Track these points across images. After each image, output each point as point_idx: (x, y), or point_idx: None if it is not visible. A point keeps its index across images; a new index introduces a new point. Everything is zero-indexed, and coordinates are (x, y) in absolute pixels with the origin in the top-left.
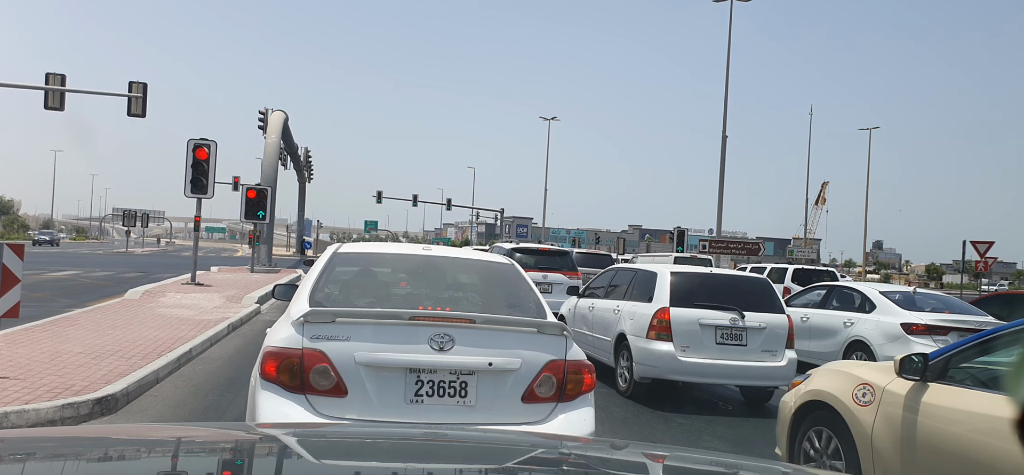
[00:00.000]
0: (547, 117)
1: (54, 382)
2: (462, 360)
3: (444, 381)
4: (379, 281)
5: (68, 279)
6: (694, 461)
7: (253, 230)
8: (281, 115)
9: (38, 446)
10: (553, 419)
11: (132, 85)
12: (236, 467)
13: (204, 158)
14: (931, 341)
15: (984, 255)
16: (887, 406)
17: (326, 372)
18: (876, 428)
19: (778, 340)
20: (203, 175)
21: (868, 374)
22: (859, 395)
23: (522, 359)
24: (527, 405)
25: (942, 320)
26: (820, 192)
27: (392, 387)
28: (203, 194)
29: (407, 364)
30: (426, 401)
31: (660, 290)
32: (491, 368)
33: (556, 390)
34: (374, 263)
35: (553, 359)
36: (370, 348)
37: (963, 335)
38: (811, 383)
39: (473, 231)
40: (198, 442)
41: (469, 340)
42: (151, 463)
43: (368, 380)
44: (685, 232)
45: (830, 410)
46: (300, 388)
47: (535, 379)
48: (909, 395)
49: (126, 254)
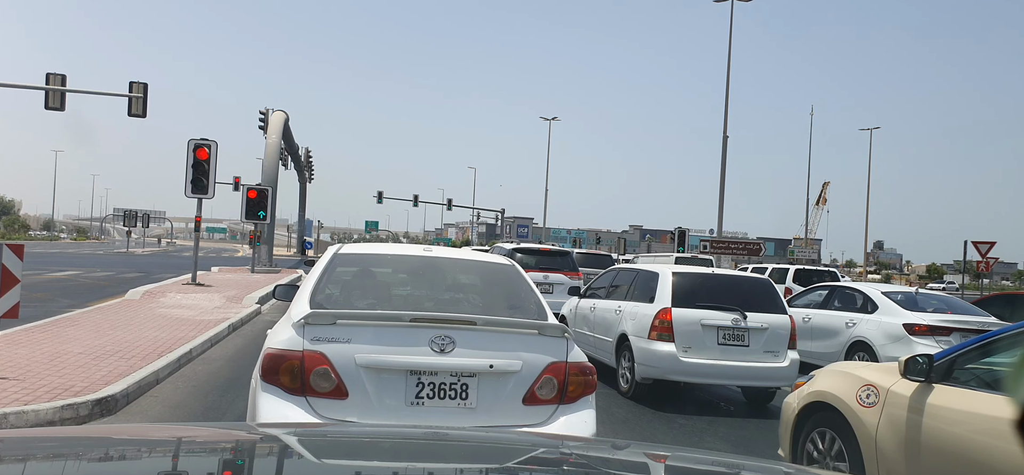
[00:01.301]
0: (548, 117)
1: (54, 383)
2: (463, 362)
3: (445, 383)
4: (379, 282)
5: (68, 279)
6: (696, 461)
7: (254, 230)
8: (282, 115)
9: (38, 446)
10: (554, 421)
11: (133, 85)
12: (236, 467)
13: (205, 158)
14: (934, 342)
15: (986, 255)
16: (891, 407)
17: (327, 374)
18: (880, 430)
19: (780, 341)
20: (203, 175)
21: (872, 375)
22: (863, 396)
23: (523, 361)
24: (528, 407)
25: (944, 321)
26: (821, 192)
27: (393, 389)
28: (203, 194)
29: (408, 366)
30: (427, 403)
31: (662, 290)
32: (492, 370)
33: (557, 392)
34: (374, 264)
35: (554, 361)
36: (371, 350)
37: (966, 336)
38: (814, 384)
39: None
40: (198, 442)
41: (470, 342)
42: (151, 463)
43: (369, 382)
44: (686, 232)
45: (834, 411)
46: (301, 390)
47: (536, 381)
48: (914, 396)
49: (127, 254)
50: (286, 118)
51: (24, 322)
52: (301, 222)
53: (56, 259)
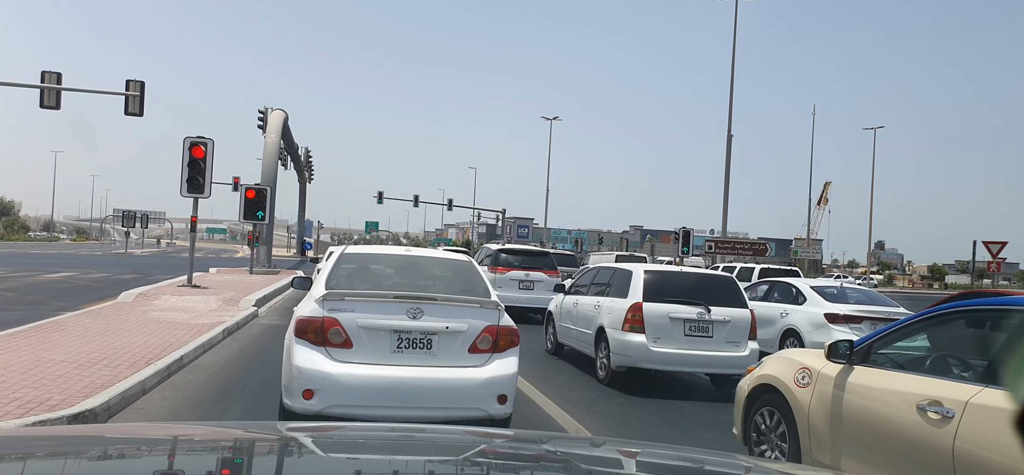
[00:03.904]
0: (549, 117)
1: (28, 395)
2: (428, 324)
3: (416, 338)
4: (374, 273)
5: (62, 281)
6: (664, 456)
7: (252, 231)
8: (281, 114)
9: (38, 446)
10: (490, 364)
11: (130, 83)
12: (236, 466)
13: (201, 157)
14: (848, 329)
15: (996, 255)
16: (820, 386)
17: (338, 332)
18: (812, 407)
19: (741, 332)
20: (200, 174)
21: (807, 360)
22: (799, 378)
23: (468, 324)
24: (471, 355)
25: (858, 311)
26: (822, 192)
27: (382, 342)
28: (200, 193)
29: (392, 327)
30: (404, 351)
31: (635, 287)
32: (447, 330)
33: (491, 345)
34: (371, 261)
35: (490, 324)
36: (367, 317)
37: (875, 324)
38: (762, 369)
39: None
40: (197, 442)
41: (433, 311)
42: (150, 463)
43: (366, 337)
44: (690, 232)
45: (776, 392)
46: (321, 343)
47: (477, 337)
48: (838, 377)
49: (125, 255)
50: (285, 117)
51: (8, 326)
52: (301, 223)
53: (53, 260)
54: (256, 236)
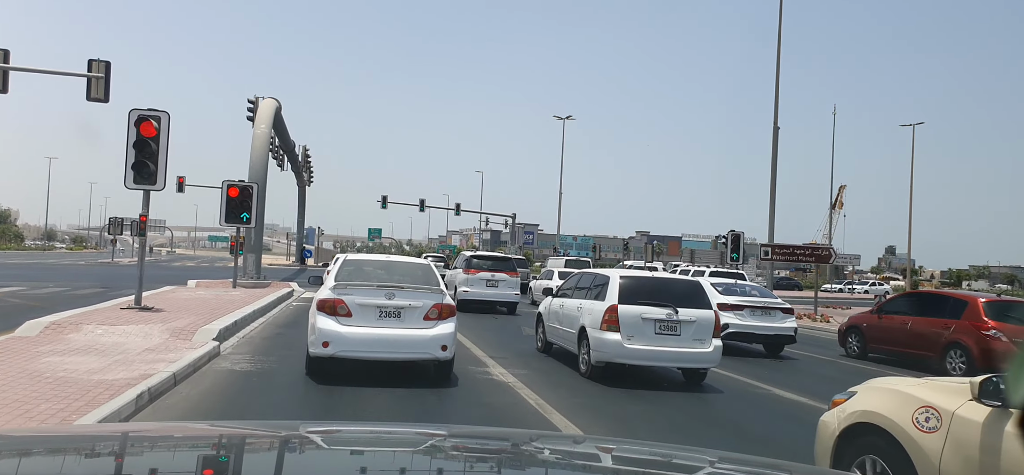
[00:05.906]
0: (561, 116)
1: None
2: (398, 302)
3: (391, 311)
4: (366, 271)
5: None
6: (637, 451)
7: (235, 236)
8: (272, 103)
9: (38, 446)
10: (437, 327)
11: (92, 63)
12: (235, 466)
13: (152, 135)
14: (734, 316)
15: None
16: (958, 433)
17: (343, 307)
18: (945, 459)
19: (706, 331)
20: (150, 158)
21: (930, 396)
22: (921, 419)
23: (423, 302)
24: (426, 321)
25: (741, 301)
26: (837, 196)
27: (371, 314)
28: (150, 184)
29: (377, 304)
30: (384, 319)
31: (611, 291)
32: (409, 306)
33: (437, 315)
34: (364, 264)
35: (437, 301)
36: (362, 298)
37: (755, 312)
38: (858, 402)
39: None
40: (197, 441)
41: (402, 295)
42: (150, 462)
43: (361, 311)
44: (741, 236)
45: (883, 435)
46: (333, 313)
47: (429, 310)
48: (988, 423)
49: (110, 265)
50: (278, 106)
51: None
52: (300, 229)
53: (17, 271)
54: (239, 242)
